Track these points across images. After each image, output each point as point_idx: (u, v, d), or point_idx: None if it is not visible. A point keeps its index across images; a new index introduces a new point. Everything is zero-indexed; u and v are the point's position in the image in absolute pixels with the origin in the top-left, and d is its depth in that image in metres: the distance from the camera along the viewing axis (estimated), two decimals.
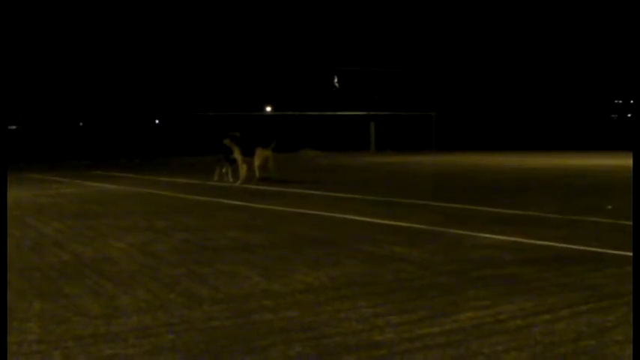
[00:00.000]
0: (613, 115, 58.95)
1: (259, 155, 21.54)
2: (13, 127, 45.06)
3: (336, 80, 66.98)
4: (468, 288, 6.96)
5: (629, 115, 57.37)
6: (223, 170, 23.00)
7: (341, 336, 5.45)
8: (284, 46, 64.21)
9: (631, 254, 8.28)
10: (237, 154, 21.76)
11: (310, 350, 5.13)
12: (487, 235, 10.28)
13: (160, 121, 59.36)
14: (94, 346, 5.31)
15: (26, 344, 5.39)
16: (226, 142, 21.82)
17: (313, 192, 18.52)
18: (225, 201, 16.44)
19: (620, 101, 57.40)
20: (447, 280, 7.39)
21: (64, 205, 16.29)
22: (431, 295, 6.72)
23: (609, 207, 13.40)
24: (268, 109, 61.51)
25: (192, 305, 6.46)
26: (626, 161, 27.72)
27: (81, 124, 55.89)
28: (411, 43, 63.97)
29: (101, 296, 6.90)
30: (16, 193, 19.81)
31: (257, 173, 21.59)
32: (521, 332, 5.49)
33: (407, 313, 6.07)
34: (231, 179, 22.29)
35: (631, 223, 10.91)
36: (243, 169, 21.65)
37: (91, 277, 7.80)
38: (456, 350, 5.08)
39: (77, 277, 7.83)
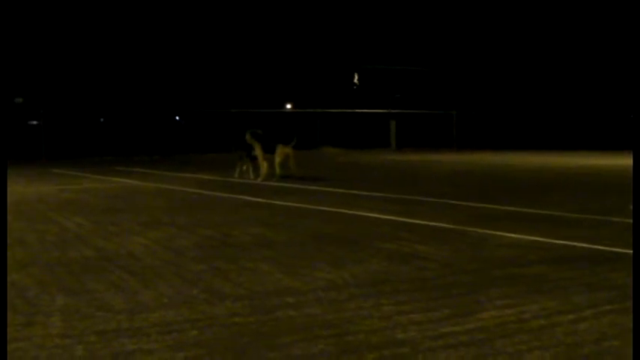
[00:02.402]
0: (632, 115, 58.64)
1: (280, 152, 21.56)
2: (35, 123, 45.24)
3: (356, 78, 66.93)
4: (491, 287, 6.95)
5: None
6: (244, 167, 23.04)
7: (363, 334, 5.45)
8: (305, 44, 64.23)
9: None
10: (258, 151, 21.81)
11: (333, 348, 5.13)
12: (509, 235, 10.24)
13: (180, 118, 59.51)
14: (116, 341, 5.33)
15: (49, 338, 5.41)
16: (247, 137, 21.86)
17: (334, 189, 18.51)
18: (246, 198, 16.45)
19: None
20: (469, 278, 7.37)
21: (87, 201, 16.34)
22: (454, 293, 6.71)
23: (631, 207, 13.32)
24: (289, 106, 61.53)
25: (215, 301, 6.47)
26: None
27: (102, 119, 56.08)
28: (432, 41, 63.89)
29: (124, 291, 6.92)
30: (38, 189, 19.90)
31: (277, 170, 21.61)
32: (544, 332, 5.47)
33: (430, 311, 6.06)
34: (252, 176, 22.31)
35: None
36: (264, 166, 21.67)
37: (114, 273, 7.83)
38: (479, 349, 5.07)
39: (100, 272, 7.85)
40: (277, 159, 21.59)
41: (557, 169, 26.83)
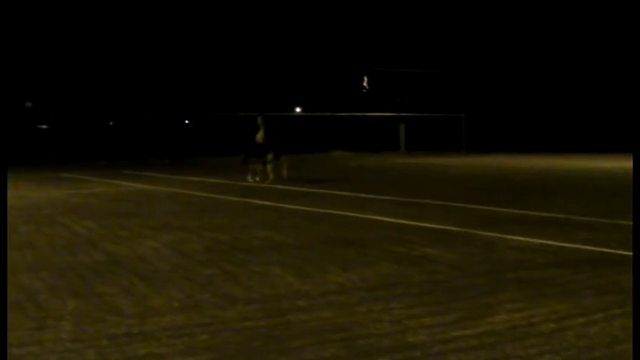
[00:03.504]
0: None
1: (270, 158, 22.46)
2: (44, 127, 45.33)
3: (366, 81, 66.93)
4: (501, 290, 6.94)
5: None
6: (255, 170, 23.19)
7: (374, 337, 5.45)
8: (314, 47, 64.24)
9: None
10: (261, 135, 22.40)
11: (344, 351, 5.13)
12: (518, 238, 10.24)
13: (189, 121, 59.56)
14: (127, 346, 5.34)
15: (60, 342, 5.43)
16: (259, 119, 22.57)
17: (343, 193, 18.52)
18: (256, 201, 16.47)
19: None
20: (480, 282, 7.37)
21: (96, 205, 16.38)
22: (464, 297, 6.71)
23: None
24: (298, 109, 61.53)
25: (226, 305, 6.48)
26: None
27: (111, 123, 56.13)
28: (441, 45, 63.84)
29: (134, 296, 6.93)
30: (48, 193, 19.94)
31: (271, 176, 22.21)
32: (555, 335, 5.46)
33: (440, 314, 6.07)
34: (249, 179, 22.54)
35: None
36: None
37: (125, 277, 7.85)
38: (490, 353, 5.06)
39: (110, 277, 7.87)
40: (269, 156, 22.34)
41: (564, 172, 26.81)
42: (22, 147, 42.15)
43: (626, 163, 30.59)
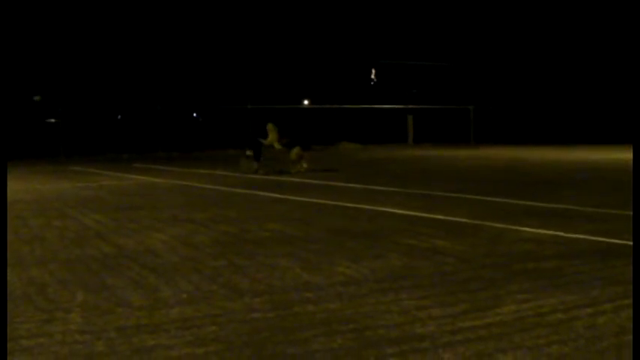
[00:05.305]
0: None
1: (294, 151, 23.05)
2: (53, 121, 45.37)
3: (373, 73, 66.85)
4: (509, 281, 6.94)
5: None
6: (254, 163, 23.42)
7: (383, 328, 5.45)
8: (322, 40, 64.17)
9: None
10: (272, 138, 23.04)
11: (352, 342, 5.13)
12: (527, 229, 10.22)
13: (197, 114, 59.57)
14: (136, 337, 5.35)
15: (69, 334, 5.44)
16: (269, 126, 23.25)
17: (351, 185, 18.52)
18: (264, 193, 16.47)
19: None
20: (488, 273, 7.37)
21: (105, 198, 16.40)
22: (472, 288, 6.70)
23: None
24: (306, 102, 61.48)
25: (234, 297, 6.48)
26: None
27: (119, 117, 56.18)
28: (449, 37, 63.73)
29: (143, 288, 6.94)
30: (57, 186, 19.98)
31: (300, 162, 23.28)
32: (563, 326, 5.45)
33: (449, 305, 6.06)
34: (261, 171, 22.79)
35: None
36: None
37: (133, 269, 7.86)
38: (498, 343, 5.06)
39: (119, 269, 7.89)
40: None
41: (572, 163, 26.73)
42: (30, 140, 42.23)
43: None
